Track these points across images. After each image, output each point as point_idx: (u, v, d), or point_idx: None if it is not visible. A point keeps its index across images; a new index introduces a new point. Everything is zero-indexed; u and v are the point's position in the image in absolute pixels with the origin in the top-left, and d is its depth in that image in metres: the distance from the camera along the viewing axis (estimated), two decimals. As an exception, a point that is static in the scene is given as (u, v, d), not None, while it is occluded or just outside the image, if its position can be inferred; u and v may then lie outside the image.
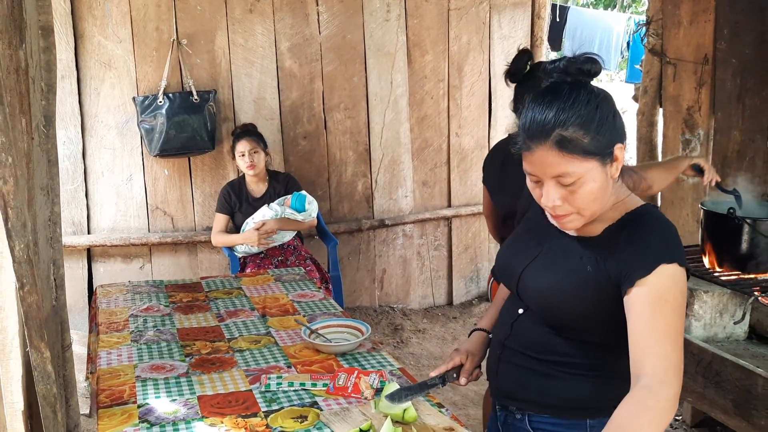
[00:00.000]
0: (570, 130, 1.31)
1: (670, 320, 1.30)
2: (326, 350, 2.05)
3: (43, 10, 2.29)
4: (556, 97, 1.34)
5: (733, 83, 3.28)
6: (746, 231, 2.42)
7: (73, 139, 3.91)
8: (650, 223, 1.39)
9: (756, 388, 1.99)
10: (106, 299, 2.53)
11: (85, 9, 3.81)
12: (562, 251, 1.47)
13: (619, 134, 1.37)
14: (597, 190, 1.35)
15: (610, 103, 1.37)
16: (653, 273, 1.32)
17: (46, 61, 2.34)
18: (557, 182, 1.35)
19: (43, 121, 2.29)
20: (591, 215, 1.40)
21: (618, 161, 1.37)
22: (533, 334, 1.51)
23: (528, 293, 1.52)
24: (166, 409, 1.70)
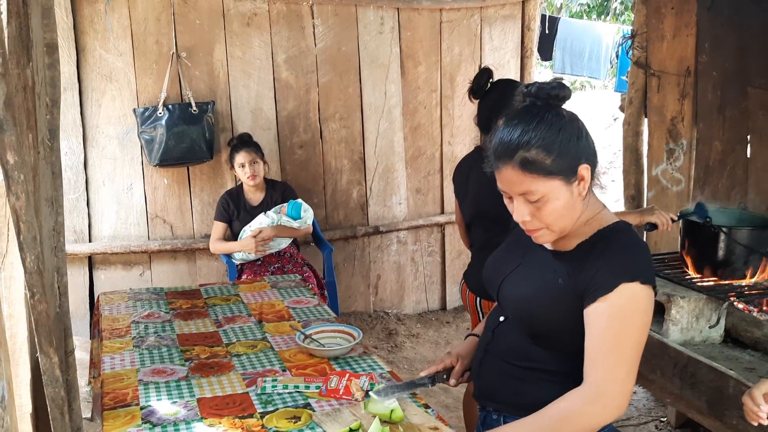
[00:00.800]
0: (532, 152, 1.41)
1: (621, 337, 1.41)
2: (319, 354, 2.15)
3: (49, 29, 2.40)
4: (522, 120, 1.45)
5: (714, 95, 3.40)
6: (722, 239, 2.53)
7: (74, 149, 4.01)
8: (618, 241, 1.48)
9: (728, 389, 2.10)
10: (108, 306, 2.63)
11: (86, 23, 3.92)
12: (539, 264, 1.57)
13: (585, 155, 1.45)
14: (562, 208, 1.45)
15: (576, 126, 1.46)
16: (614, 291, 1.41)
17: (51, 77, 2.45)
18: (524, 199, 1.45)
19: (47, 135, 2.40)
20: (561, 231, 1.49)
21: (584, 181, 1.46)
22: (512, 342, 1.61)
23: (506, 302, 1.62)
24: (168, 410, 1.80)
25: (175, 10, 4.01)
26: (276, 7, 4.21)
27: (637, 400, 3.74)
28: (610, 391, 1.41)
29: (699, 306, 2.40)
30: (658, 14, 3.66)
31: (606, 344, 1.42)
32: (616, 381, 1.41)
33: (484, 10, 4.64)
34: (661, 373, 2.39)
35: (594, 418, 1.42)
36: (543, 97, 1.46)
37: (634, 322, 1.43)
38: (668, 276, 2.60)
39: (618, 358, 1.41)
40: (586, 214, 1.52)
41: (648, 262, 1.47)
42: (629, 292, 1.41)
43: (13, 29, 1.96)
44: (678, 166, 3.68)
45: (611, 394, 1.41)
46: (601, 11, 12.06)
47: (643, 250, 1.48)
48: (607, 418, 1.43)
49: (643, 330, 1.45)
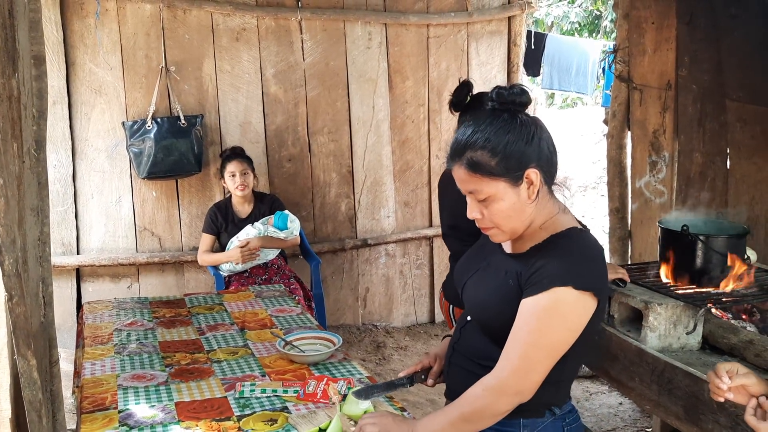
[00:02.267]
0: (478, 153, 1.46)
1: (536, 336, 1.44)
2: (299, 360, 2.17)
3: (36, 41, 2.44)
4: (476, 122, 1.50)
5: (693, 108, 3.46)
6: (699, 247, 2.56)
7: (63, 162, 4.04)
8: (564, 246, 1.50)
9: (703, 394, 2.12)
10: (92, 315, 2.65)
11: (77, 38, 3.97)
12: (495, 266, 1.61)
13: (535, 159, 1.48)
14: (508, 209, 1.49)
15: (528, 130, 1.49)
16: (544, 292, 1.44)
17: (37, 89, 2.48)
18: (473, 197, 1.50)
19: (34, 146, 2.42)
20: (511, 231, 1.53)
21: (533, 185, 1.49)
22: (474, 341, 1.65)
23: (467, 303, 1.67)
24: (145, 413, 1.81)
25: (164, 25, 4.06)
26: (265, 22, 4.27)
27: (622, 411, 3.75)
28: (508, 383, 1.47)
29: (676, 313, 2.42)
30: (639, 29, 3.73)
31: (518, 338, 1.46)
32: (516, 374, 1.46)
33: (470, 26, 4.71)
34: (640, 380, 2.41)
35: (493, 405, 1.49)
36: (501, 101, 1.50)
37: (552, 325, 1.45)
38: (647, 284, 2.62)
39: (523, 352, 1.46)
40: (541, 217, 1.54)
41: (590, 269, 1.48)
42: (557, 295, 1.44)
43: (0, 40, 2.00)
44: (660, 178, 3.73)
45: (508, 385, 1.47)
46: (592, 29, 12.22)
47: (589, 257, 1.49)
48: (505, 405, 1.49)
49: (562, 335, 1.47)
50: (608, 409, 3.78)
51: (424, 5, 4.58)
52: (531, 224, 1.54)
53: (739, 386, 1.51)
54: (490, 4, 4.73)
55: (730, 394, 1.52)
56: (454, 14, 4.63)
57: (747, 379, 1.50)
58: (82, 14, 3.95)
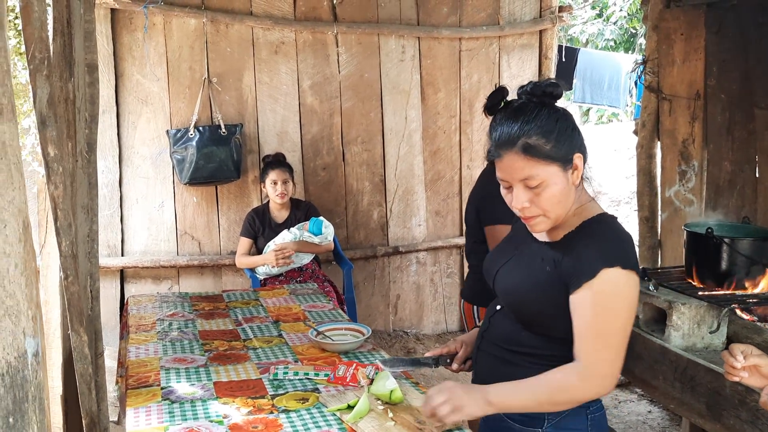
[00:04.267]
0: (533, 138, 1.54)
1: (606, 322, 1.52)
2: (330, 349, 2.27)
3: (90, 50, 2.63)
4: (522, 113, 1.58)
5: (722, 117, 3.49)
6: (725, 250, 2.59)
7: (111, 168, 4.25)
8: (601, 230, 1.59)
9: (725, 390, 2.15)
10: (136, 307, 2.79)
11: (125, 51, 4.19)
12: (529, 254, 1.68)
13: (578, 146, 1.58)
14: (559, 194, 1.56)
15: (570, 120, 1.60)
16: (596, 277, 1.51)
17: (90, 95, 2.67)
18: (524, 185, 1.57)
19: (86, 148, 2.60)
20: (556, 218, 1.60)
21: (578, 170, 1.58)
22: (505, 328, 1.72)
23: (500, 291, 1.74)
24: (186, 390, 1.93)
25: (207, 39, 4.26)
26: (302, 36, 4.44)
27: (651, 419, 3.76)
28: (600, 371, 1.53)
29: (700, 313, 2.46)
30: (668, 40, 3.79)
31: (593, 329, 1.52)
32: (605, 362, 1.53)
33: (502, 39, 4.81)
34: (663, 378, 2.45)
35: (584, 393, 1.56)
36: (538, 94, 1.59)
37: (617, 307, 1.53)
38: (671, 286, 2.67)
39: (605, 342, 1.52)
40: (575, 204, 1.63)
41: (629, 249, 1.57)
42: (610, 277, 1.51)
43: (58, 45, 2.18)
44: (690, 187, 3.76)
45: (601, 374, 1.53)
46: (628, 47, 12.19)
47: (624, 238, 1.59)
48: (595, 394, 1.56)
49: (628, 313, 1.55)
50: (637, 416, 3.79)
51: (456, 19, 4.71)
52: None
53: (753, 367, 1.55)
54: (522, 17, 4.83)
55: (745, 373, 1.55)
56: (486, 28, 4.74)
57: (761, 360, 1.55)
58: (131, 28, 4.17)
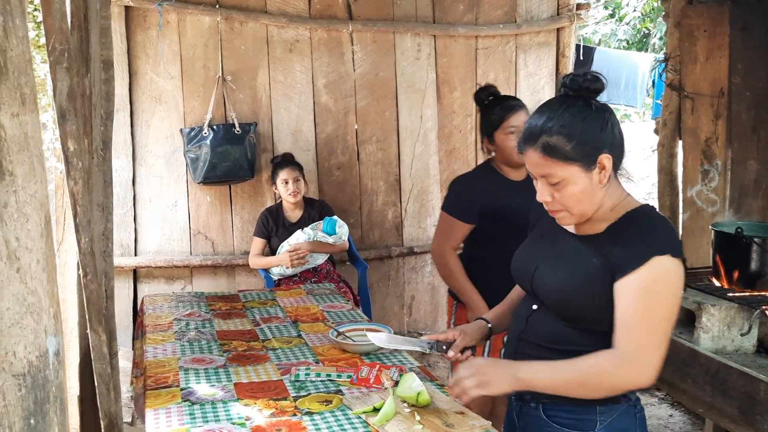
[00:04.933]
0: (554, 138, 1.50)
1: (652, 309, 1.46)
2: (351, 349, 2.22)
3: (105, 47, 2.58)
4: (551, 108, 1.54)
5: (748, 115, 3.42)
6: (754, 250, 2.53)
7: (124, 167, 4.21)
8: (646, 220, 1.54)
9: (759, 394, 2.09)
10: (152, 306, 2.75)
11: (139, 49, 4.16)
12: (571, 250, 1.62)
13: (608, 145, 1.52)
14: (580, 193, 1.52)
15: (603, 117, 1.53)
16: (645, 265, 1.46)
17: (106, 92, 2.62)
18: (545, 181, 1.53)
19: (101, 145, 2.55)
20: (580, 214, 1.56)
21: (605, 170, 1.52)
22: (547, 327, 1.65)
23: (542, 290, 1.65)
24: (206, 392, 1.88)
25: (222, 37, 4.22)
26: (317, 34, 4.39)
27: (672, 423, 3.69)
28: (640, 358, 1.46)
29: (730, 315, 2.40)
30: (691, 37, 3.72)
31: (637, 315, 1.47)
32: (647, 349, 1.46)
33: (519, 38, 4.76)
34: (693, 381, 2.38)
35: (620, 381, 1.49)
36: (574, 87, 1.54)
37: (664, 294, 1.47)
38: (700, 287, 2.60)
39: (648, 328, 1.46)
40: (611, 201, 1.57)
41: (677, 238, 1.53)
42: (660, 265, 1.46)
43: (75, 40, 2.14)
44: (713, 187, 3.69)
45: (641, 361, 1.46)
46: (641, 47, 12.11)
47: (669, 227, 1.54)
48: (634, 383, 1.50)
49: (674, 302, 1.49)
50: (658, 420, 3.71)
51: (473, 17, 4.65)
52: (600, 208, 1.57)
53: None
54: (539, 15, 4.77)
55: None
56: (502, 26, 4.68)
57: None
58: (145, 26, 4.14)
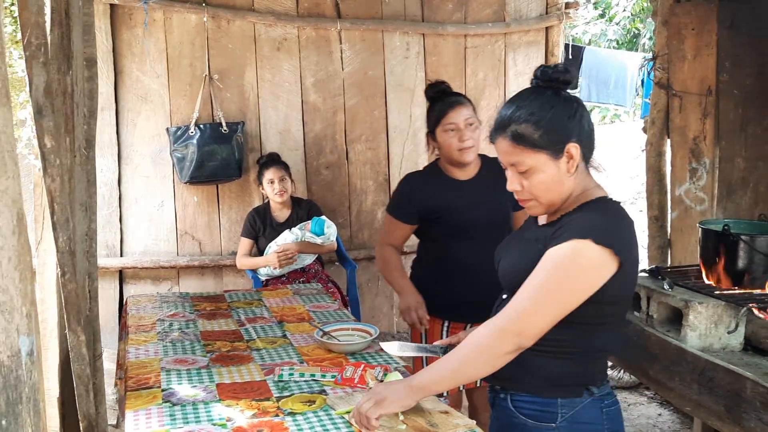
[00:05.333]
0: (523, 125, 1.52)
1: (548, 281, 1.47)
2: (337, 349, 2.20)
3: (88, 44, 2.55)
4: (520, 98, 1.58)
5: (735, 113, 3.42)
6: (741, 247, 2.52)
7: (110, 167, 4.17)
8: (591, 208, 1.55)
9: (745, 391, 2.08)
10: (135, 307, 2.72)
11: (125, 47, 4.12)
12: (526, 237, 1.67)
13: (575, 134, 1.53)
14: (548, 181, 1.54)
15: (571, 106, 1.55)
16: (564, 243, 1.47)
17: (89, 90, 2.59)
18: (514, 170, 1.56)
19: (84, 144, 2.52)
20: (549, 203, 1.57)
21: (573, 158, 1.54)
22: None
23: (501, 277, 1.70)
24: (188, 392, 1.86)
25: (209, 35, 4.19)
26: (305, 32, 4.37)
27: (661, 422, 3.68)
28: (511, 322, 1.49)
29: (717, 312, 2.39)
30: (678, 35, 3.71)
31: (533, 283, 1.49)
32: (522, 316, 1.48)
33: (508, 36, 4.74)
34: (680, 379, 2.37)
35: (490, 345, 1.50)
36: (545, 79, 1.57)
37: (567, 273, 1.46)
38: (687, 285, 2.59)
39: (535, 296, 1.48)
40: (577, 191, 1.58)
41: (613, 228, 1.50)
42: (576, 246, 1.46)
43: (56, 37, 2.10)
44: (701, 186, 3.68)
45: (511, 325, 1.49)
46: (630, 47, 12.14)
47: (616, 218, 1.53)
48: (500, 347, 1.50)
49: (576, 284, 1.47)
50: (647, 419, 3.71)
51: (461, 16, 4.64)
52: (569, 198, 1.58)
53: None
54: (528, 14, 4.76)
55: None
56: (491, 25, 4.67)
57: None
58: (131, 24, 4.10)
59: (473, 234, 2.50)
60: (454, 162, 2.54)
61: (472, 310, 2.46)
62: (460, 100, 2.55)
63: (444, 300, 2.59)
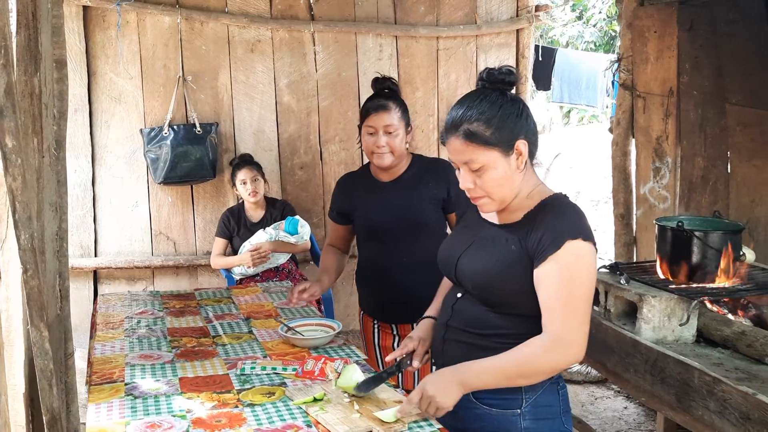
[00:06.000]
0: (474, 124, 1.59)
1: (572, 291, 1.56)
2: (300, 344, 2.25)
3: (58, 46, 2.58)
4: (469, 99, 1.65)
5: (695, 114, 3.52)
6: (695, 243, 2.60)
7: (84, 168, 4.20)
8: (560, 207, 1.65)
9: (693, 381, 2.16)
10: (105, 305, 2.75)
11: (98, 48, 4.15)
12: (491, 238, 1.71)
13: (523, 132, 1.62)
14: (500, 177, 1.61)
15: (517, 106, 1.64)
16: (560, 250, 1.56)
17: (59, 91, 2.62)
18: (467, 168, 1.62)
19: (54, 144, 2.55)
20: (500, 200, 1.65)
21: (522, 155, 1.62)
22: (471, 313, 1.73)
23: (464, 277, 1.74)
24: (150, 386, 1.90)
25: (182, 37, 4.23)
26: (279, 34, 4.42)
27: (627, 415, 3.77)
28: (568, 339, 1.57)
29: (670, 305, 2.47)
30: (642, 38, 3.81)
31: (560, 299, 1.56)
32: (573, 330, 1.57)
33: (479, 38, 4.82)
34: (634, 370, 2.45)
35: (553, 363, 1.60)
36: (491, 80, 1.65)
37: (580, 276, 1.57)
38: (643, 280, 2.67)
39: (572, 310, 1.56)
40: (527, 188, 1.68)
41: (587, 223, 1.62)
42: (574, 248, 1.56)
43: (22, 39, 2.14)
44: (664, 184, 3.78)
45: (569, 341, 1.57)
46: (607, 49, 12.28)
47: (581, 213, 1.64)
48: (566, 362, 1.60)
49: (590, 282, 1.60)
50: (613, 413, 3.80)
51: (433, 18, 4.71)
52: (518, 195, 1.66)
53: None
54: (499, 17, 4.84)
55: None
56: (463, 27, 4.74)
57: None
58: (104, 26, 4.13)
59: (383, 236, 2.53)
60: (372, 162, 2.57)
61: (395, 311, 2.60)
62: (386, 105, 2.50)
63: (368, 300, 2.71)
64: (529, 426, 1.68)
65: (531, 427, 1.68)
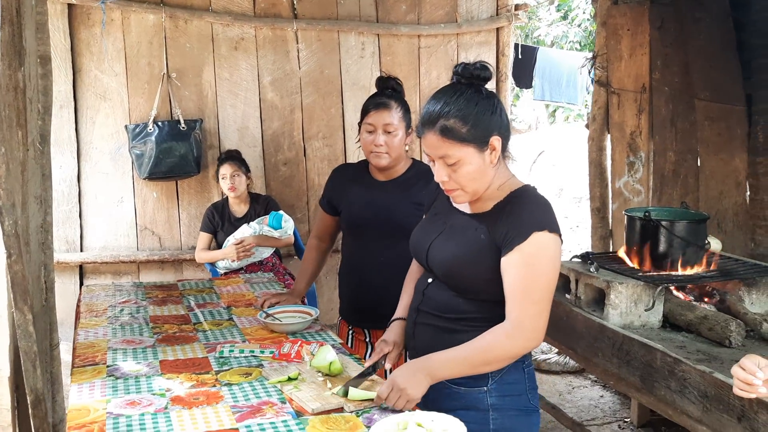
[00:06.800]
0: (451, 121, 1.65)
1: (533, 280, 1.64)
2: (278, 330, 2.32)
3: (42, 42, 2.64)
4: (446, 94, 1.69)
5: (666, 109, 3.62)
6: (661, 232, 2.71)
7: (69, 163, 4.25)
8: (528, 199, 1.72)
9: (656, 362, 2.25)
10: (89, 295, 2.81)
11: (83, 46, 4.20)
12: (461, 226, 1.78)
13: (497, 128, 1.69)
14: (474, 172, 1.68)
15: (492, 102, 1.70)
16: (526, 241, 1.63)
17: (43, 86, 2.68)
18: (443, 162, 1.67)
19: (38, 138, 2.61)
20: (474, 192, 1.72)
21: (495, 150, 1.69)
22: (441, 298, 1.81)
23: (435, 263, 1.81)
24: (131, 368, 1.97)
25: (166, 34, 4.29)
26: (262, 32, 4.49)
27: (603, 403, 3.87)
28: (526, 326, 1.65)
29: (637, 292, 2.57)
30: (616, 36, 3.91)
31: (521, 287, 1.64)
32: (532, 317, 1.65)
33: (460, 37, 4.91)
34: (602, 354, 2.54)
35: (513, 350, 1.68)
36: (467, 76, 1.70)
37: (544, 266, 1.65)
38: (612, 268, 2.77)
39: (532, 298, 1.64)
40: (498, 180, 1.75)
41: (554, 215, 1.70)
42: (539, 240, 1.64)
43: (6, 34, 2.20)
44: (638, 178, 3.88)
45: (528, 328, 1.65)
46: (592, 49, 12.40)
47: (548, 206, 1.71)
48: (525, 347, 1.69)
49: (553, 272, 1.68)
50: (590, 401, 3.89)
51: (415, 17, 4.79)
52: (490, 187, 1.73)
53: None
54: (479, 15, 4.93)
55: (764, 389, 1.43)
56: (444, 25, 4.83)
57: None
58: (89, 24, 4.18)
59: (363, 233, 2.51)
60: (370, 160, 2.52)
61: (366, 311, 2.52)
62: (387, 103, 2.45)
63: (343, 299, 2.65)
64: (496, 402, 1.76)
65: (497, 403, 1.76)
